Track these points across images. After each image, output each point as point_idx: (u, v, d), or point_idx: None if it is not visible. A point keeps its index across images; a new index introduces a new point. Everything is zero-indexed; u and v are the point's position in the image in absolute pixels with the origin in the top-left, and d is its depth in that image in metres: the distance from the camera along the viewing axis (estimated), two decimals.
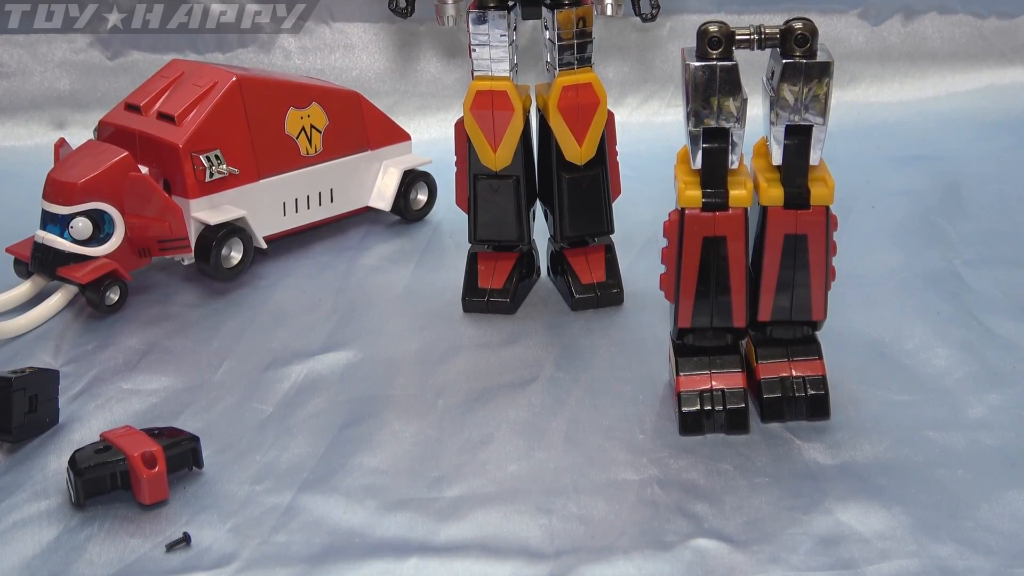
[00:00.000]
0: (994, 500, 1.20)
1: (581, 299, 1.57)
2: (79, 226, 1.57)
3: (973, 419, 1.32)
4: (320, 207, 1.77)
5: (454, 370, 1.45)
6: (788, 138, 1.24)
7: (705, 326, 1.30)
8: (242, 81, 1.68)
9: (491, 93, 1.49)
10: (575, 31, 1.48)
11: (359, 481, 1.26)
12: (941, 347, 1.45)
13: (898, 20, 2.23)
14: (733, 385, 1.30)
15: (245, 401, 1.41)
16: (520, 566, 1.14)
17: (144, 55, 2.19)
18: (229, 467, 1.29)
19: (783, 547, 1.15)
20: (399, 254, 1.75)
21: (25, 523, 1.22)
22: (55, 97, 2.20)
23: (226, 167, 1.64)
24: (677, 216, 1.26)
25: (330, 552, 1.17)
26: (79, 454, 1.23)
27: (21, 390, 1.31)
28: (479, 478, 1.26)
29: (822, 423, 1.31)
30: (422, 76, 2.21)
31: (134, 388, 1.44)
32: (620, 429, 1.33)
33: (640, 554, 1.15)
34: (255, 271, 1.69)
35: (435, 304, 1.60)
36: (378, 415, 1.37)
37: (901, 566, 1.12)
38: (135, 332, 1.56)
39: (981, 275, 1.61)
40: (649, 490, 1.23)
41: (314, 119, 1.75)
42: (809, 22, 1.20)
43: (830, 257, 1.28)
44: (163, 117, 1.66)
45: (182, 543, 1.18)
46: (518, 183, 1.54)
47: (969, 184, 1.89)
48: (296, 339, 1.53)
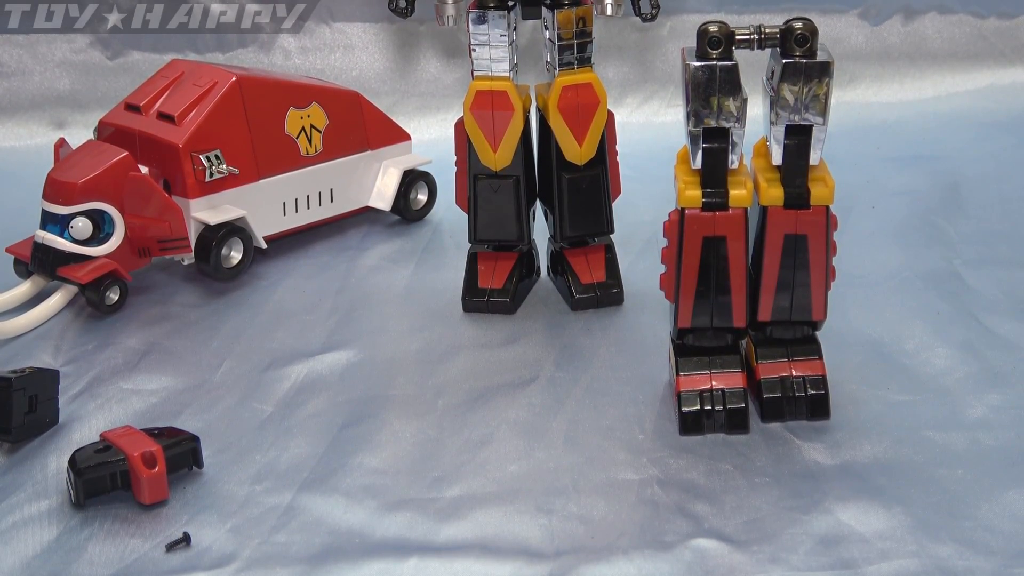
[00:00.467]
0: (994, 500, 1.20)
1: (581, 299, 1.57)
2: (79, 226, 1.57)
3: (973, 419, 1.32)
4: (320, 207, 1.77)
5: (454, 370, 1.45)
6: (788, 138, 1.24)
7: (705, 326, 1.30)
8: (242, 81, 1.68)
9: (491, 93, 1.49)
10: (575, 31, 1.47)
11: (359, 481, 1.26)
12: (941, 347, 1.45)
13: (898, 20, 2.23)
14: (733, 385, 1.30)
15: (245, 401, 1.41)
16: (520, 566, 1.14)
17: (144, 55, 2.19)
18: (229, 467, 1.29)
19: (783, 547, 1.15)
20: (399, 254, 1.75)
21: (25, 523, 1.22)
22: (55, 97, 2.19)
23: (226, 167, 1.64)
24: (677, 216, 1.26)
25: (330, 552, 1.17)
26: (79, 454, 1.23)
27: (21, 390, 1.31)
28: (479, 478, 1.26)
29: (822, 423, 1.31)
30: (422, 76, 2.21)
31: (134, 388, 1.44)
32: (620, 429, 1.33)
33: (640, 554, 1.15)
34: (255, 271, 1.69)
35: (435, 304, 1.60)
36: (378, 415, 1.37)
37: (901, 566, 1.12)
38: (135, 332, 1.56)
39: (981, 275, 1.61)
40: (649, 490, 1.23)
41: (314, 119, 1.75)
42: (809, 22, 1.20)
43: (830, 257, 1.28)
44: (163, 117, 1.66)
45: (182, 543, 1.18)
46: (518, 183, 1.53)
47: (969, 184, 1.88)
48: (296, 339, 1.53)
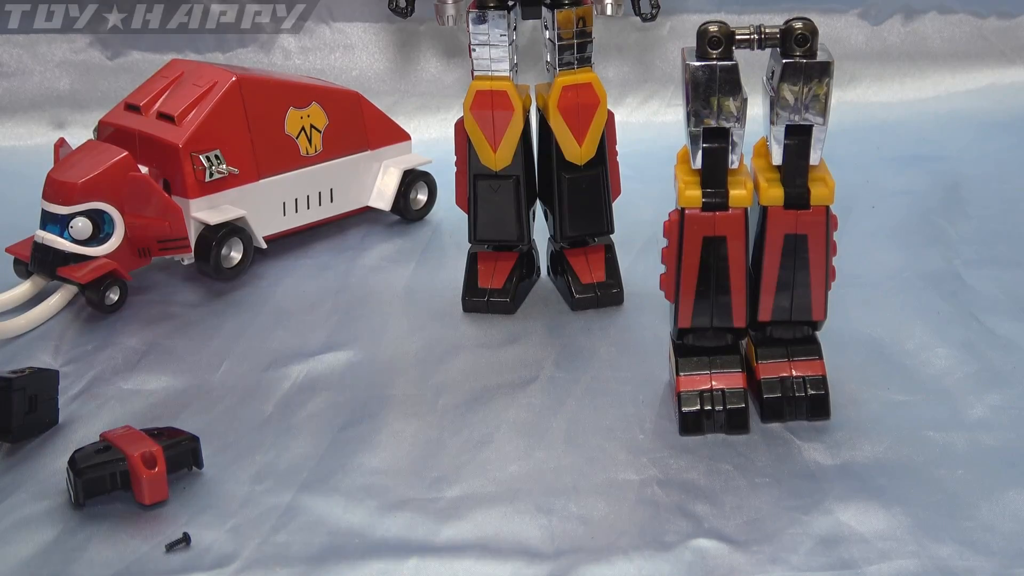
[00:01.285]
0: (994, 500, 1.19)
1: (581, 299, 1.57)
2: (79, 226, 1.57)
3: (973, 419, 1.32)
4: (320, 207, 1.77)
5: (454, 370, 1.45)
6: (788, 138, 1.24)
7: (705, 326, 1.30)
8: (242, 81, 1.68)
9: (491, 93, 1.49)
10: (575, 31, 1.47)
11: (359, 481, 1.26)
12: (941, 347, 1.45)
13: (898, 20, 2.23)
14: (733, 385, 1.30)
15: (245, 401, 1.41)
16: (520, 566, 1.14)
17: (144, 55, 2.19)
18: (229, 467, 1.29)
19: (783, 547, 1.15)
20: (399, 254, 1.75)
21: (25, 523, 1.22)
22: (55, 97, 2.19)
23: (226, 167, 1.64)
24: (677, 216, 1.26)
25: (330, 552, 1.17)
26: (79, 454, 1.23)
27: (21, 390, 1.31)
28: (479, 478, 1.26)
29: (822, 423, 1.31)
30: (422, 76, 2.21)
31: (134, 388, 1.44)
32: (620, 429, 1.33)
33: (640, 554, 1.15)
34: (255, 271, 1.69)
35: (435, 304, 1.60)
36: (378, 415, 1.37)
37: (901, 566, 1.12)
38: (135, 332, 1.56)
39: (981, 275, 1.61)
40: (649, 490, 1.23)
41: (314, 119, 1.75)
42: (809, 22, 1.20)
43: (830, 257, 1.28)
44: (163, 117, 1.66)
45: (182, 543, 1.18)
46: (518, 183, 1.53)
47: (969, 184, 1.88)
48: (296, 339, 1.53)
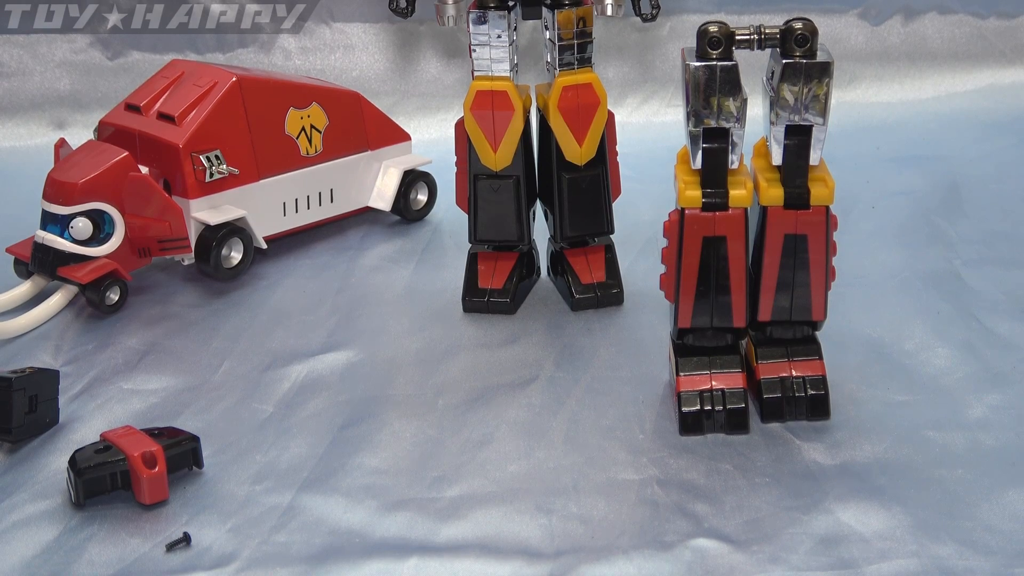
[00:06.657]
0: (994, 500, 1.20)
1: (581, 299, 1.57)
2: (79, 226, 1.57)
3: (973, 419, 1.32)
4: (320, 207, 1.77)
5: (454, 370, 1.45)
6: (788, 138, 1.24)
7: (705, 326, 1.30)
8: (242, 81, 1.68)
9: (491, 93, 1.49)
10: (575, 31, 1.47)
11: (359, 481, 1.26)
12: (941, 347, 1.45)
13: (898, 20, 2.23)
14: (733, 385, 1.30)
15: (245, 401, 1.41)
16: (520, 566, 1.14)
17: (144, 55, 2.19)
18: (229, 467, 1.29)
19: (783, 547, 1.15)
20: (399, 254, 1.75)
21: (25, 523, 1.22)
22: (55, 97, 2.19)
23: (226, 167, 1.64)
24: (677, 216, 1.26)
25: (330, 552, 1.17)
26: (79, 454, 1.23)
27: (21, 390, 1.31)
28: (479, 478, 1.26)
29: (822, 423, 1.31)
30: (422, 76, 2.21)
31: (134, 388, 1.44)
32: (620, 429, 1.33)
33: (640, 554, 1.15)
34: (255, 271, 1.69)
35: (435, 304, 1.60)
36: (378, 415, 1.37)
37: (901, 566, 1.12)
38: (135, 332, 1.56)
39: (981, 275, 1.61)
40: (649, 490, 1.23)
41: (314, 119, 1.75)
42: (809, 22, 1.20)
43: (830, 257, 1.28)
44: (163, 117, 1.66)
45: (182, 543, 1.18)
46: (518, 183, 1.53)
47: (969, 184, 1.89)
48: (296, 339, 1.53)
